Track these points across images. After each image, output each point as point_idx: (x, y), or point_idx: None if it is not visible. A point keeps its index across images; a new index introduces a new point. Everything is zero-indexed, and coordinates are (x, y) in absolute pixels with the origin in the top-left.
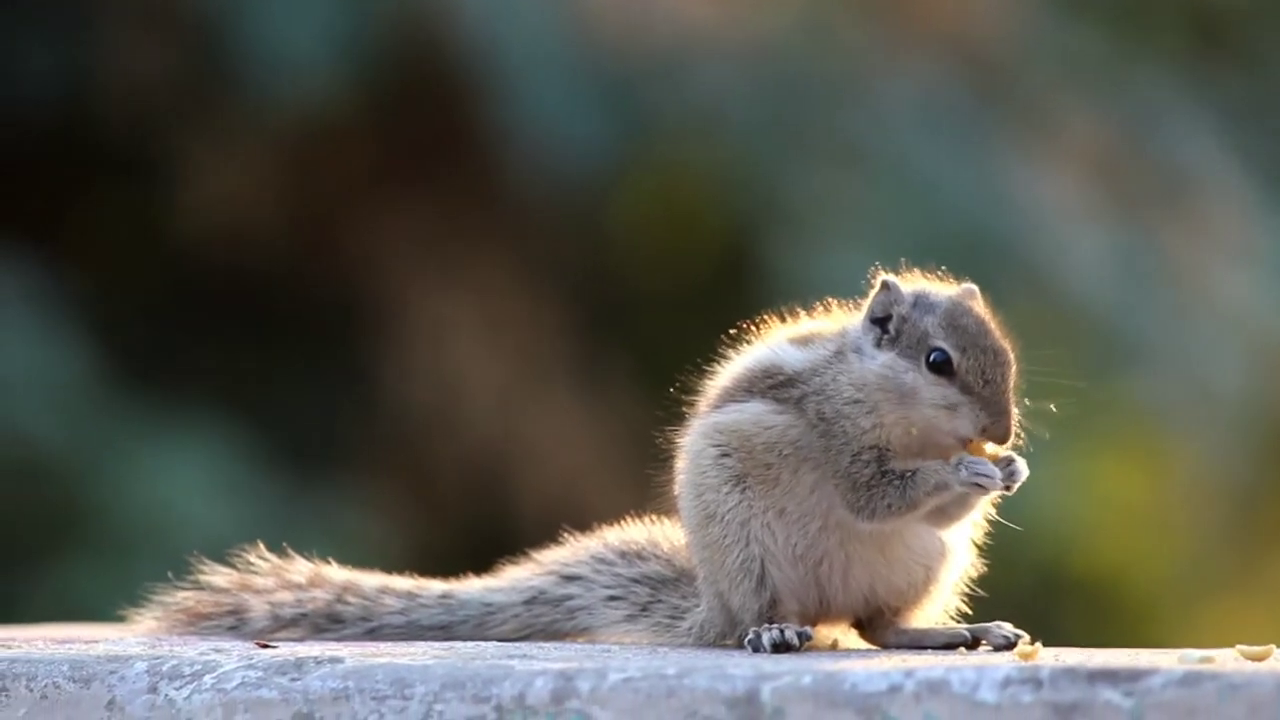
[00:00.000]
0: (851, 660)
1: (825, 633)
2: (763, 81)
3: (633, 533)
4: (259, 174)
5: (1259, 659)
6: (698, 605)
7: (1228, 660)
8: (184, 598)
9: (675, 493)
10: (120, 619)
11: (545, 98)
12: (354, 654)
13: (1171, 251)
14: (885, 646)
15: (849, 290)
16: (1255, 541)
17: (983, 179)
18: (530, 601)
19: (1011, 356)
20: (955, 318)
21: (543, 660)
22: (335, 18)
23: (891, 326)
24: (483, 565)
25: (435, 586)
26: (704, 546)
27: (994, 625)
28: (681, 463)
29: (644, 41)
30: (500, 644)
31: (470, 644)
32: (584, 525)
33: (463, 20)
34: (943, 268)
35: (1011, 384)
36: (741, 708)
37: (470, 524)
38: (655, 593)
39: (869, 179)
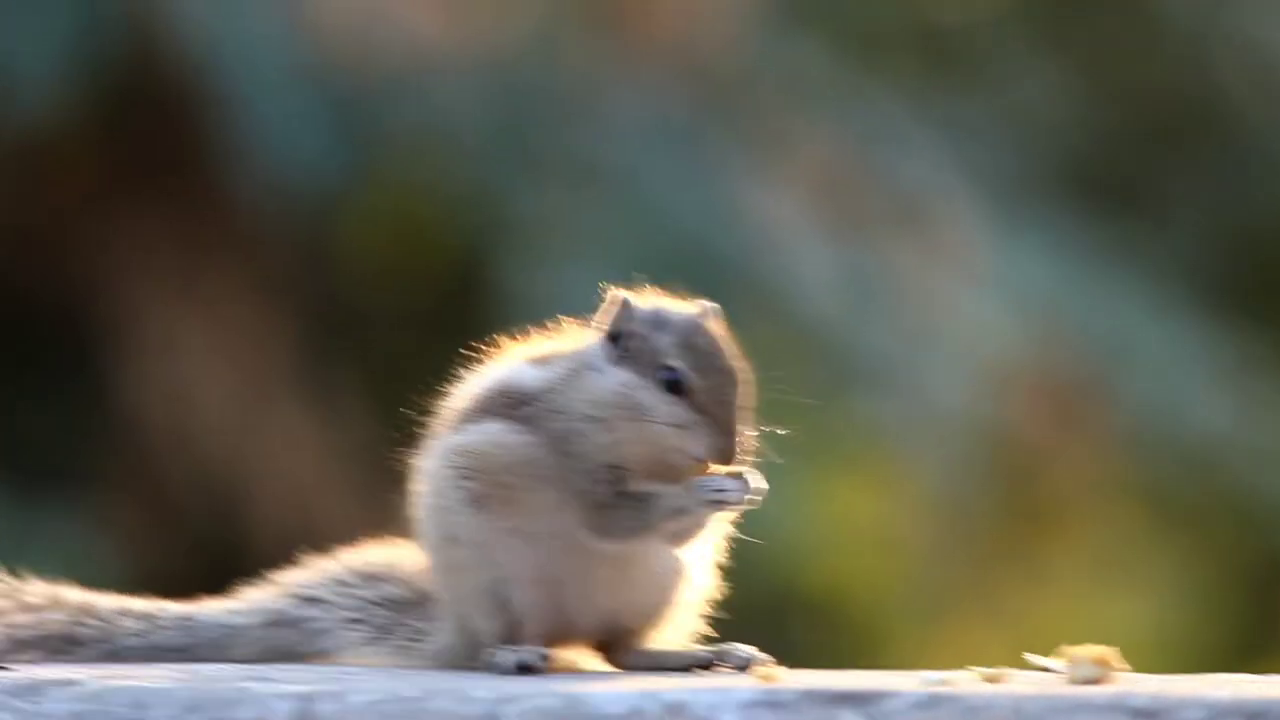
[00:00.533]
0: (594, 682)
1: (566, 655)
2: (494, 98)
3: (373, 554)
4: None
5: (995, 680)
6: (439, 628)
7: (966, 682)
8: None
9: (414, 514)
10: None
11: (275, 112)
12: (93, 676)
13: (901, 271)
14: (626, 668)
15: (580, 308)
16: (984, 561)
17: (712, 196)
18: (270, 624)
19: (744, 376)
20: (689, 337)
21: (283, 683)
22: (61, 28)
23: (626, 344)
24: (217, 584)
25: (174, 608)
26: (445, 570)
27: (732, 647)
28: (420, 485)
29: (375, 56)
30: (241, 666)
31: (211, 666)
32: (317, 543)
33: (192, 34)
34: (675, 284)
35: (743, 404)
36: None
37: (204, 542)
38: (396, 615)
39: (599, 196)
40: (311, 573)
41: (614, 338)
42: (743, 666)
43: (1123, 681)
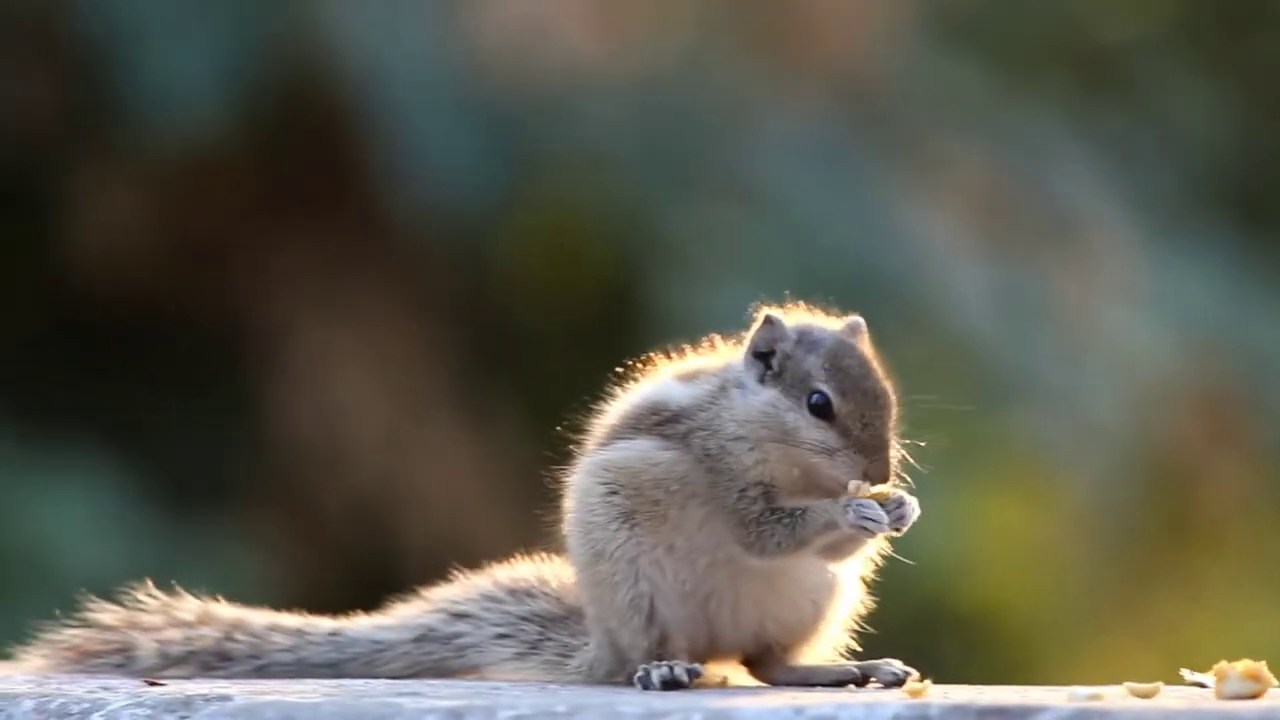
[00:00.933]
0: (741, 697)
1: (714, 670)
2: (649, 116)
3: (522, 570)
4: (143, 205)
5: (1147, 696)
6: (587, 643)
7: (1117, 698)
8: (71, 635)
9: (564, 531)
10: (7, 656)
11: (431, 132)
12: (243, 691)
13: (1054, 288)
14: (774, 683)
15: (733, 326)
16: (1138, 577)
17: (867, 214)
18: (419, 639)
19: (892, 397)
20: (838, 358)
21: (432, 698)
22: (221, 49)
23: (775, 362)
24: (369, 602)
25: (324, 624)
26: (593, 584)
27: (883, 662)
28: (569, 501)
29: (531, 76)
30: (390, 682)
31: (360, 682)
32: (470, 562)
33: (350, 54)
34: (828, 302)
35: (891, 425)
36: None
37: (356, 560)
38: (544, 630)
39: (754, 214)
40: (461, 588)
41: (761, 356)
42: (893, 683)
43: (1275, 696)
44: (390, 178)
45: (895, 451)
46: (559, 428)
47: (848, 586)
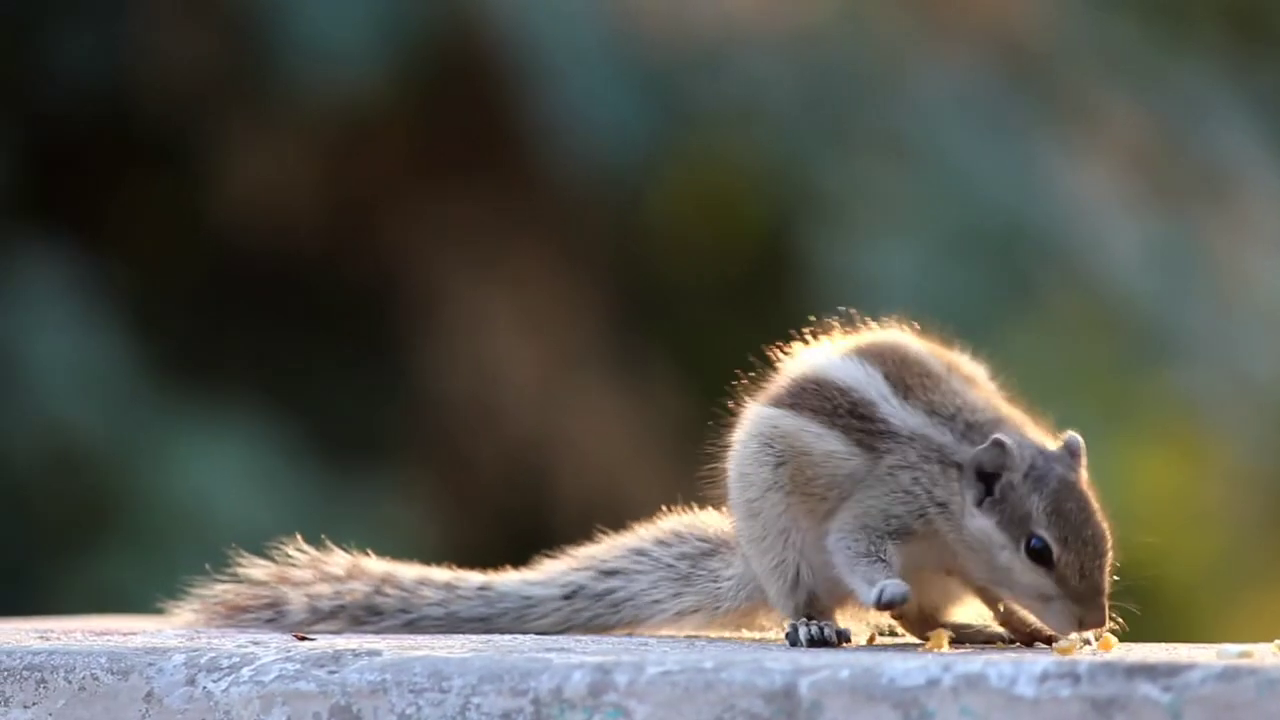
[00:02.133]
0: (889, 655)
1: (864, 627)
2: (802, 72)
3: (667, 522)
4: (299, 163)
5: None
6: (737, 564)
7: (1266, 655)
8: (222, 590)
9: (726, 471)
10: (159, 611)
11: (583, 88)
12: (391, 646)
13: (1211, 243)
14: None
15: (890, 284)
16: None
17: (1022, 170)
18: (570, 596)
19: (1109, 542)
20: (1061, 502)
21: (580, 653)
22: (375, 7)
23: (997, 489)
24: (521, 558)
25: (474, 579)
26: (746, 538)
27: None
28: (737, 445)
29: (683, 31)
30: (538, 637)
31: (508, 637)
32: (622, 518)
33: (504, 10)
34: (986, 257)
35: (1107, 572)
36: (779, 701)
37: (508, 516)
38: (694, 564)
39: (908, 170)
40: (607, 547)
41: (985, 477)
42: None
43: None
44: (544, 135)
45: (1107, 601)
46: (713, 385)
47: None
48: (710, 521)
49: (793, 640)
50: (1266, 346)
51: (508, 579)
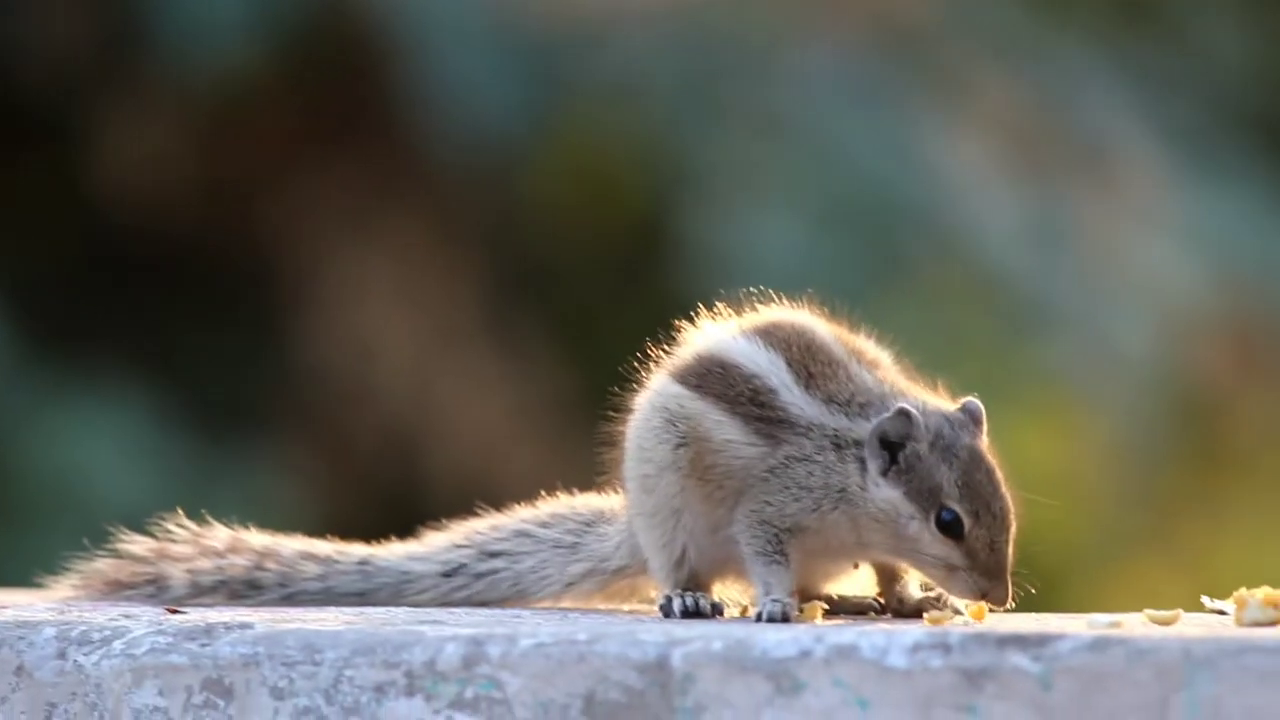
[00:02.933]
0: (762, 626)
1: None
2: (682, 48)
3: (550, 506)
4: (175, 138)
5: (1166, 623)
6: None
7: (1135, 625)
8: (103, 565)
9: (624, 436)
10: (37, 586)
11: (462, 63)
12: (264, 620)
13: (1086, 218)
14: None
15: (766, 259)
16: (1165, 506)
17: (898, 145)
18: (451, 574)
19: (1012, 512)
20: (971, 474)
21: (453, 626)
22: None
23: (902, 459)
24: (397, 531)
25: (355, 552)
26: (636, 508)
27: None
28: (639, 416)
29: (563, 6)
30: (413, 610)
31: (382, 610)
32: (499, 492)
33: None
34: (861, 231)
35: (1010, 544)
36: (652, 673)
37: (384, 489)
38: (579, 536)
39: (786, 146)
40: (494, 525)
41: (888, 445)
42: (913, 612)
43: None
44: (422, 109)
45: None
46: (595, 370)
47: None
48: (590, 501)
49: (666, 611)
50: (1140, 321)
51: (389, 553)
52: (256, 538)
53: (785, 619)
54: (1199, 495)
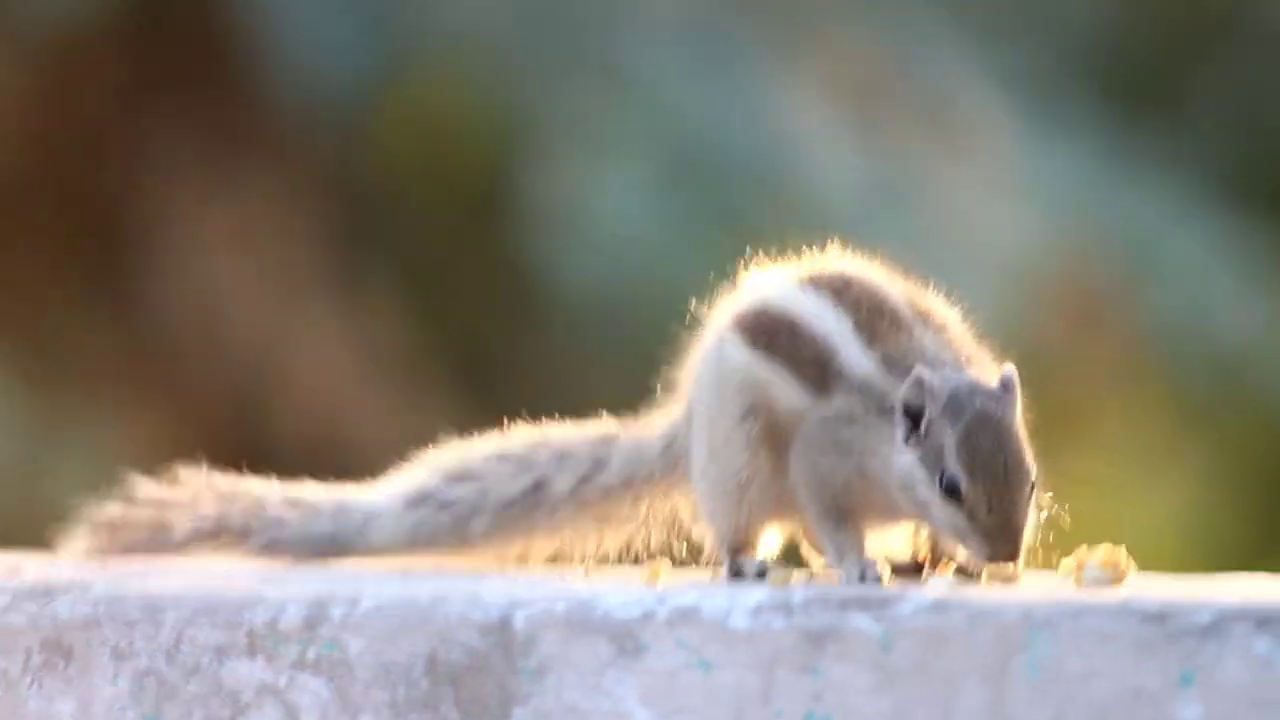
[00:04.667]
0: (606, 587)
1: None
2: (525, 1)
3: (521, 433)
4: (12, 86)
5: (1008, 581)
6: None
7: (975, 586)
8: (109, 514)
9: (690, 389)
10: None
11: (304, 12)
12: (104, 579)
13: (926, 174)
14: None
15: (604, 215)
16: None
17: (739, 100)
18: (414, 504)
19: (1029, 471)
20: (972, 435)
21: (296, 585)
22: None
23: (923, 425)
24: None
25: (336, 495)
26: (700, 470)
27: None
28: (707, 371)
29: None
30: (256, 570)
31: (225, 569)
32: (348, 441)
33: None
34: (697, 185)
35: (1023, 503)
36: (495, 634)
37: (233, 442)
38: (597, 449)
39: (628, 100)
40: (456, 454)
41: (910, 414)
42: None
43: (1132, 584)
44: (264, 59)
45: (1029, 527)
46: (440, 323)
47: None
48: (568, 430)
49: (739, 574)
50: (980, 277)
51: (363, 492)
52: (253, 484)
53: (864, 580)
54: (1040, 454)
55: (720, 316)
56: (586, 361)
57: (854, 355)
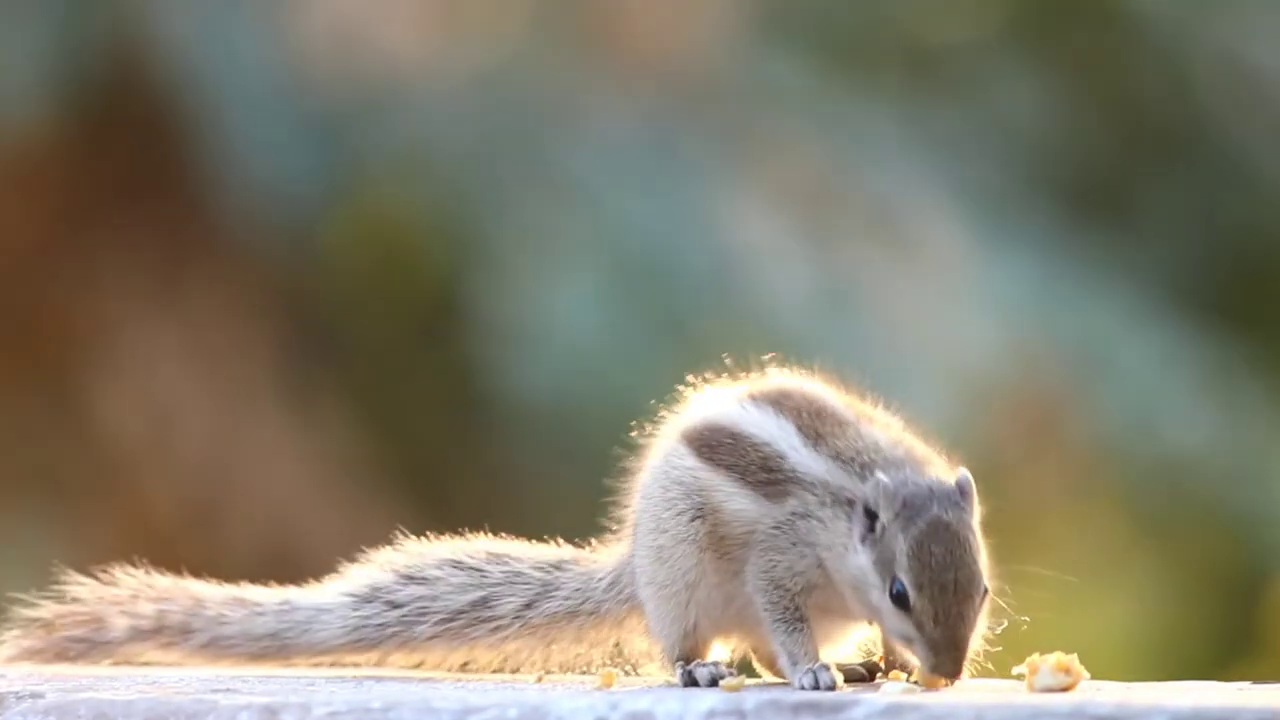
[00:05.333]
0: (559, 693)
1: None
2: (476, 114)
3: (485, 544)
4: None
5: (961, 688)
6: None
7: (930, 692)
8: (45, 612)
9: (636, 502)
10: None
11: (257, 129)
12: (56, 689)
13: (880, 284)
14: None
15: (556, 327)
16: None
17: (691, 211)
18: (363, 602)
19: (978, 583)
20: (922, 547)
21: (247, 694)
22: (44, 44)
23: (877, 527)
24: None
25: (279, 595)
26: (647, 576)
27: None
28: (653, 482)
29: (358, 74)
30: (206, 678)
31: (176, 676)
32: (298, 554)
33: (175, 51)
34: (651, 297)
35: (971, 615)
36: None
37: (184, 557)
38: (548, 572)
39: (579, 212)
40: (413, 555)
41: (869, 515)
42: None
43: (1085, 689)
44: (217, 175)
45: (974, 642)
46: (390, 437)
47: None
48: (528, 548)
49: (691, 682)
50: (933, 385)
51: (308, 592)
52: (194, 584)
53: (818, 687)
54: (992, 560)
55: (666, 433)
56: (539, 469)
57: (804, 456)
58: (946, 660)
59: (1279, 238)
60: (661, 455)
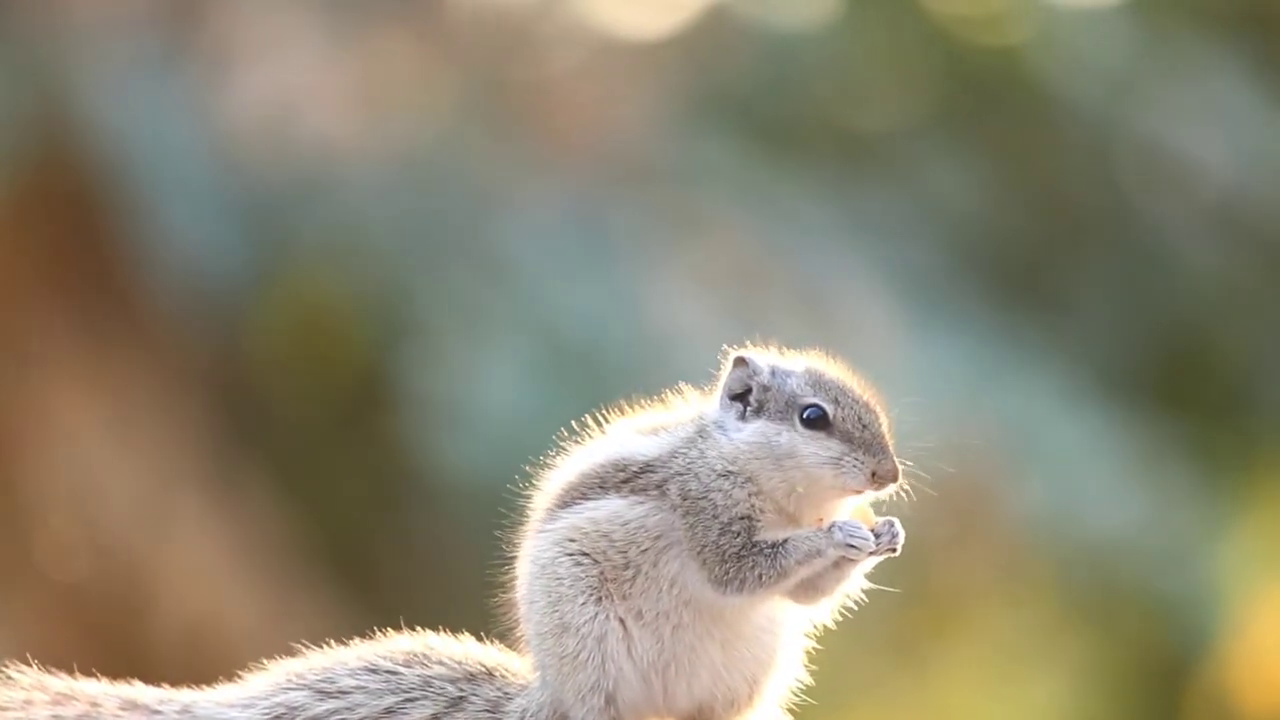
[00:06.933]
0: None
1: None
2: (404, 197)
3: (401, 643)
4: None
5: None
6: (518, 694)
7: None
8: None
9: (520, 597)
10: None
11: (186, 211)
12: None
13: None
14: None
15: (483, 406)
16: (886, 654)
17: (619, 292)
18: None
19: (876, 398)
20: (818, 375)
21: None
22: None
23: (753, 399)
24: (118, 679)
25: (179, 699)
26: (555, 657)
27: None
28: (528, 569)
29: (286, 157)
30: None
31: None
32: (223, 639)
33: (104, 133)
34: (578, 378)
35: (887, 428)
36: None
37: (107, 637)
38: (463, 688)
39: (509, 292)
40: (331, 661)
41: (737, 397)
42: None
43: None
44: (145, 255)
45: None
46: (317, 518)
47: (789, 662)
48: (450, 646)
49: None
50: None
51: (211, 699)
52: (91, 685)
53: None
54: (918, 643)
55: (524, 533)
56: (468, 549)
57: (648, 445)
58: (885, 459)
59: (1204, 322)
60: (530, 547)
